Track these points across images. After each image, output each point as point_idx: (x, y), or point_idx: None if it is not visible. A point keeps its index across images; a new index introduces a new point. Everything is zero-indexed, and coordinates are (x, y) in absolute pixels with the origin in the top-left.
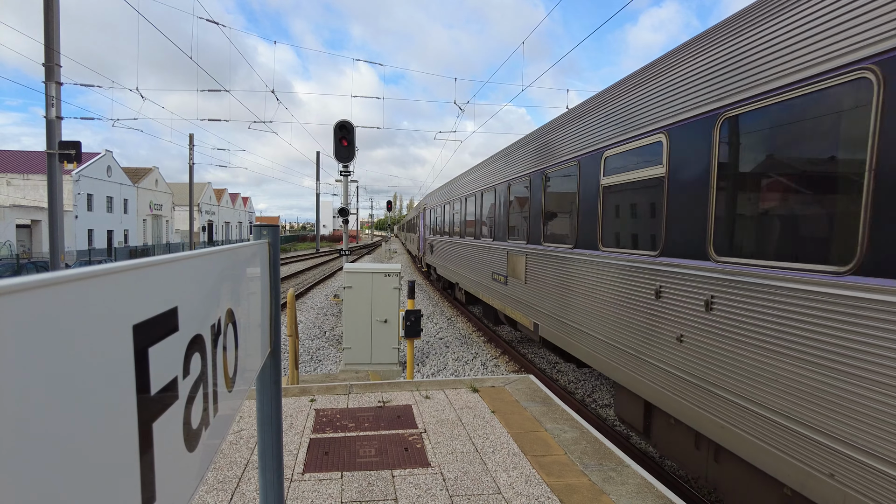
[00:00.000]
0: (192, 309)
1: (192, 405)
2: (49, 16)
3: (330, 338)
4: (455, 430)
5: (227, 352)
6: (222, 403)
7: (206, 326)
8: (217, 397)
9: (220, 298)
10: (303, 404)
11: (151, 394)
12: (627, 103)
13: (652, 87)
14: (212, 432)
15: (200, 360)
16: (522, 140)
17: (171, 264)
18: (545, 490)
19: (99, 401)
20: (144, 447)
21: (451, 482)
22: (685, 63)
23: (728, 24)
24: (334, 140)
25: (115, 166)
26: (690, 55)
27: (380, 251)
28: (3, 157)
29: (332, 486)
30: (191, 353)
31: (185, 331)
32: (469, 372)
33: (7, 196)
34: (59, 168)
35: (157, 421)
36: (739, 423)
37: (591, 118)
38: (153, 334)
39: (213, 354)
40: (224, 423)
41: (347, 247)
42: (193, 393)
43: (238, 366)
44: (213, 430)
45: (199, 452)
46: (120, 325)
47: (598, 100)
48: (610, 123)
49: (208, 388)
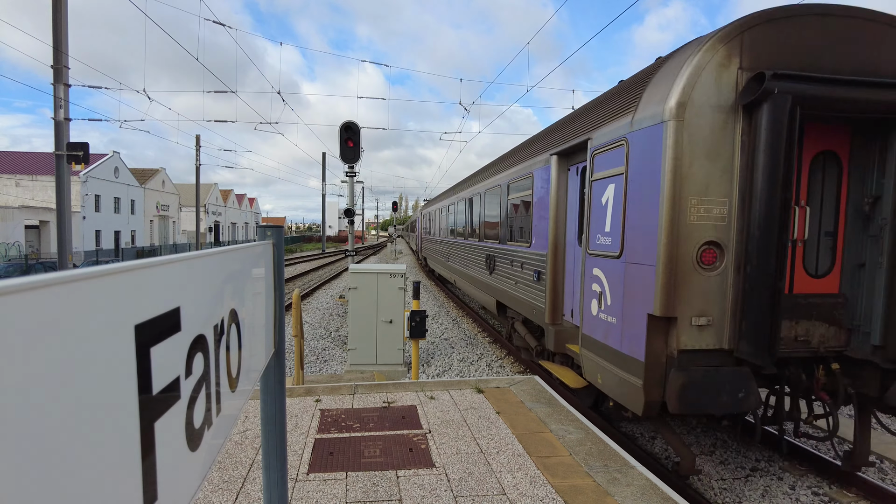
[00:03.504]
0: (194, 309)
1: (195, 405)
2: (57, 18)
3: (335, 338)
4: (459, 430)
5: (230, 352)
6: (225, 403)
7: (208, 327)
8: (220, 397)
9: (224, 299)
10: (308, 404)
11: (153, 393)
12: (512, 160)
13: (526, 152)
14: (215, 432)
15: (203, 361)
16: (459, 182)
17: (173, 265)
18: (550, 491)
19: (101, 400)
20: (146, 446)
21: (455, 483)
22: (532, 142)
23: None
24: (340, 141)
25: (123, 167)
26: (529, 143)
27: (385, 252)
28: (12, 158)
29: (336, 486)
30: (193, 353)
31: (188, 331)
32: (474, 373)
33: (16, 197)
34: (67, 169)
35: (160, 420)
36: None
37: (499, 164)
38: (155, 334)
39: (216, 355)
40: (227, 423)
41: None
42: (196, 393)
43: (241, 366)
44: (216, 430)
45: (201, 452)
46: (122, 325)
47: (503, 156)
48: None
49: (211, 388)
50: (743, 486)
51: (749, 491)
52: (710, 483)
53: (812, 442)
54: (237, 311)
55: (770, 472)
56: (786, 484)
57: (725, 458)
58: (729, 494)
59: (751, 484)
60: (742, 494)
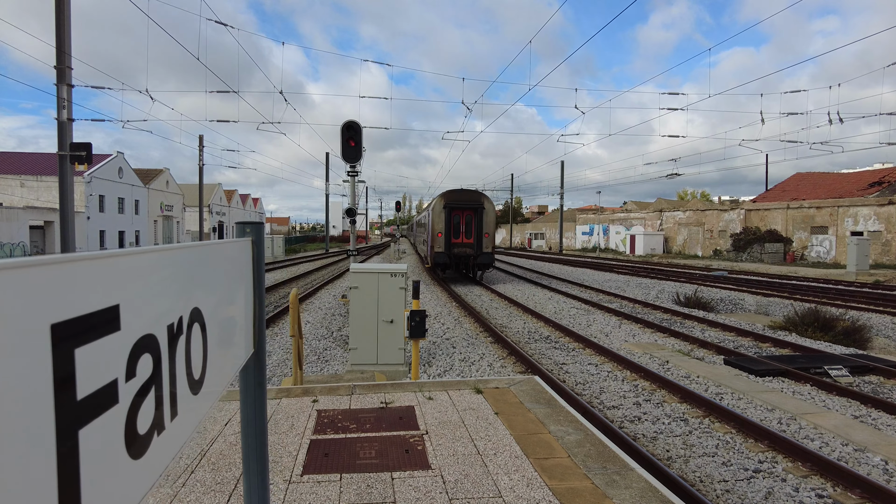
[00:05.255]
0: (140, 308)
1: (139, 410)
2: (60, 18)
3: (337, 338)
4: (457, 431)
5: (191, 353)
6: (185, 407)
7: (160, 326)
8: (177, 401)
9: (183, 297)
10: (305, 405)
11: (78, 398)
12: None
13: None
14: (168, 438)
15: (152, 362)
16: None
17: (110, 260)
18: (547, 493)
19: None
20: (66, 456)
21: (451, 485)
22: (419, 221)
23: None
24: (341, 140)
25: (127, 168)
26: (417, 219)
27: (388, 252)
28: (17, 158)
29: (330, 488)
30: (138, 354)
31: (130, 331)
32: (475, 373)
33: (21, 197)
34: (71, 169)
35: (87, 427)
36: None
37: (422, 214)
38: (81, 334)
39: (172, 356)
40: (185, 428)
41: (355, 247)
42: (141, 397)
43: (208, 368)
44: (171, 436)
45: (147, 459)
46: (33, 325)
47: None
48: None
49: (163, 391)
50: (745, 487)
51: (752, 493)
52: (711, 485)
53: (816, 442)
54: (202, 309)
55: (773, 473)
56: (789, 486)
57: (728, 458)
58: (731, 496)
59: (753, 485)
60: (745, 496)
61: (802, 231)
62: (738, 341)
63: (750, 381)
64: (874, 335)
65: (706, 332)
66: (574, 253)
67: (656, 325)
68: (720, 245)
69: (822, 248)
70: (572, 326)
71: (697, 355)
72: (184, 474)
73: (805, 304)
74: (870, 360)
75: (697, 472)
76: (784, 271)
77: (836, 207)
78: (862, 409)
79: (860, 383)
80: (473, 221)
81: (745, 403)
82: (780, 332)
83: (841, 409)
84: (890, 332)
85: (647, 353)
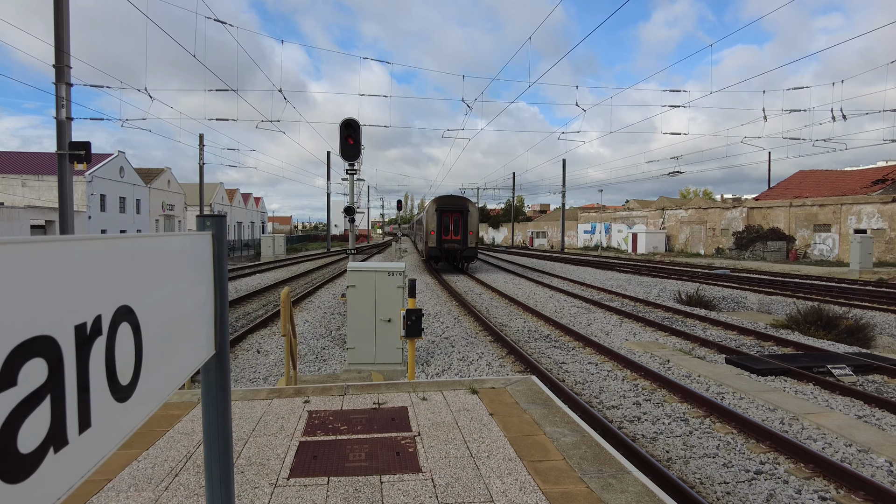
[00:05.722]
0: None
1: (23, 424)
2: (59, 16)
3: (336, 337)
4: (450, 433)
5: (115, 357)
6: (101, 418)
7: (63, 327)
8: (90, 411)
9: (106, 293)
10: (296, 406)
11: None
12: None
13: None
14: (73, 453)
15: (47, 369)
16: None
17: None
18: (540, 497)
19: None
20: None
21: (441, 489)
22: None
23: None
24: (340, 138)
25: (128, 167)
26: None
27: (390, 251)
28: (18, 158)
29: (317, 492)
30: (21, 359)
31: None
32: (474, 372)
33: (22, 197)
34: (70, 169)
35: None
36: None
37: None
38: None
39: (82, 361)
40: (102, 441)
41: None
42: (27, 409)
43: (143, 373)
44: (77, 451)
45: (38, 481)
46: None
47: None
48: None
49: (66, 401)
50: (747, 489)
51: (753, 495)
52: (712, 486)
53: (819, 443)
54: (133, 308)
55: (775, 474)
56: (791, 487)
57: (729, 459)
58: (731, 498)
59: (755, 487)
60: (746, 498)
61: (805, 229)
62: (739, 340)
63: (752, 381)
64: (878, 334)
65: (708, 330)
66: (576, 251)
67: (657, 324)
68: (723, 243)
69: (825, 246)
70: (573, 325)
71: (699, 354)
72: (167, 477)
73: (808, 303)
74: (874, 359)
75: (697, 473)
76: (787, 269)
77: (839, 205)
78: (866, 409)
79: (864, 382)
80: (460, 222)
81: (746, 403)
82: (783, 330)
83: (844, 409)
84: (894, 330)
85: (647, 351)
